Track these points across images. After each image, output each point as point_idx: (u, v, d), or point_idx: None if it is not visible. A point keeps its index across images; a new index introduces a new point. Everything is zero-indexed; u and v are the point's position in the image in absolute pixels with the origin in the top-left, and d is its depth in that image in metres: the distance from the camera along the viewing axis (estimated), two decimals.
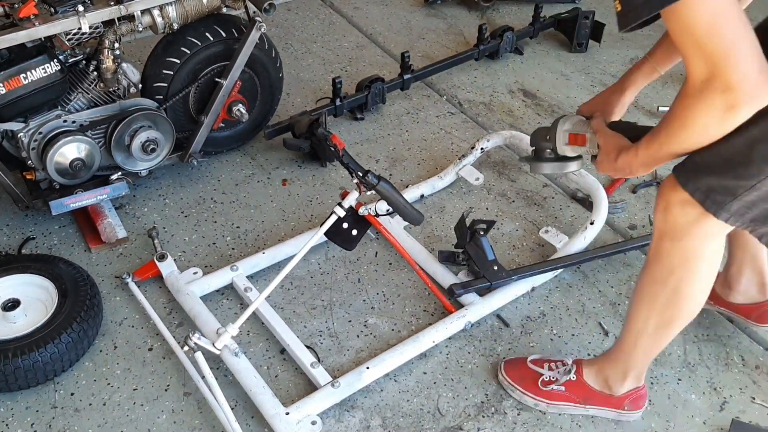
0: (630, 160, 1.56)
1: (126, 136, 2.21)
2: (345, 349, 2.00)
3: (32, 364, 1.77)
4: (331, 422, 1.81)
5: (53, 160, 2.08)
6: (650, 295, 1.61)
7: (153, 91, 2.29)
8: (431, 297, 2.15)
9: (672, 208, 1.47)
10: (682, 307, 1.60)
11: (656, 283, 1.59)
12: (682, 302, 1.59)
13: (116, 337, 1.98)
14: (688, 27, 1.22)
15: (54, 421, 1.77)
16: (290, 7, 3.59)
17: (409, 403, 1.88)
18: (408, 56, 2.91)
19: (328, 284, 2.19)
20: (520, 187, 2.60)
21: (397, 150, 2.74)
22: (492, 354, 2.02)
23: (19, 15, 1.90)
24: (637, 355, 1.74)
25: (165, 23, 2.16)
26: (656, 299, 1.60)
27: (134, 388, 1.86)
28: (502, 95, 3.09)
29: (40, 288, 1.95)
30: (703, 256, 1.51)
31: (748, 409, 1.93)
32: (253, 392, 1.79)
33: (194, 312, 1.98)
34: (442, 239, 2.36)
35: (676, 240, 1.49)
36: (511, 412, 1.87)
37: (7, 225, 2.28)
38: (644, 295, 1.63)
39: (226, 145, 2.60)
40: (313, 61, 3.20)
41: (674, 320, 1.63)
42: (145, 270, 2.11)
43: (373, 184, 1.77)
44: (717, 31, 1.20)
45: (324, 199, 2.49)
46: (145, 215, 2.36)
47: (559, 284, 2.23)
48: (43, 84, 2.00)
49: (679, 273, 1.53)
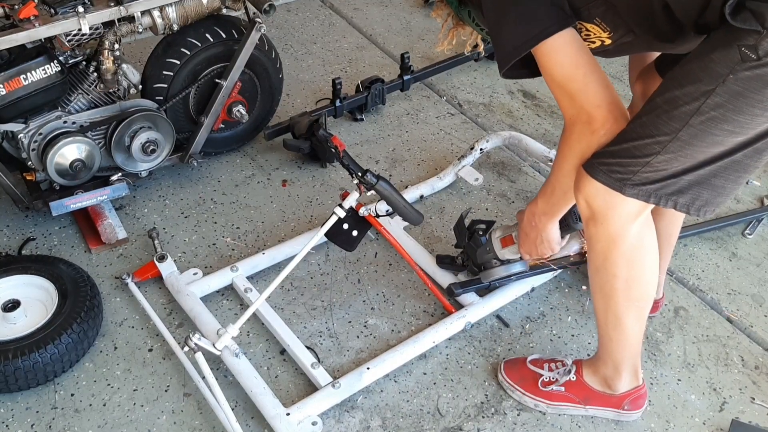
0: (532, 212, 1.80)
1: (126, 137, 2.21)
2: (345, 350, 2.00)
3: (32, 364, 1.77)
4: (331, 423, 1.81)
5: (53, 161, 2.09)
6: (598, 284, 1.67)
7: (153, 92, 2.29)
8: (431, 297, 2.15)
9: (583, 192, 1.53)
10: (628, 292, 1.64)
11: (598, 271, 1.65)
12: (626, 286, 1.62)
13: (116, 337, 1.98)
14: (551, 77, 1.48)
15: (54, 422, 1.77)
16: (290, 8, 3.59)
17: (409, 404, 1.88)
18: (408, 57, 2.91)
19: (328, 285, 2.19)
20: (519, 188, 2.60)
21: (396, 151, 2.74)
22: (492, 354, 2.02)
23: (19, 16, 1.90)
24: (617, 348, 1.75)
25: (165, 24, 2.16)
26: (603, 287, 1.66)
27: (134, 388, 1.86)
28: (501, 96, 3.09)
29: (40, 289, 1.95)
30: (626, 237, 1.55)
31: (748, 409, 1.93)
32: (254, 393, 1.79)
33: (194, 313, 1.98)
34: (442, 240, 2.36)
35: (599, 224, 1.56)
36: (511, 413, 1.87)
37: (8, 226, 2.28)
38: (594, 286, 1.69)
39: (226, 146, 2.60)
40: (313, 62, 3.21)
41: (627, 306, 1.66)
42: (144, 271, 2.11)
43: (372, 184, 1.77)
44: (571, 74, 1.46)
45: (324, 200, 2.49)
46: (146, 216, 2.36)
47: (559, 285, 2.24)
48: (43, 85, 2.00)
49: (611, 257, 1.59)
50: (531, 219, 1.83)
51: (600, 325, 1.75)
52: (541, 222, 1.80)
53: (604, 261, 1.61)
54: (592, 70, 1.47)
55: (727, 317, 2.16)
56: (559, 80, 1.48)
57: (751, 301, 2.24)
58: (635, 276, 1.62)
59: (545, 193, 1.75)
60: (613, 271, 1.61)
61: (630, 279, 1.62)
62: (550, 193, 1.72)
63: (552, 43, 1.44)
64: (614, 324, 1.70)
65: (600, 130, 1.48)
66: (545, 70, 1.49)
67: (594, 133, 1.49)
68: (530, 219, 1.83)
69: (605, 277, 1.64)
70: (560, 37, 1.44)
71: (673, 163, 1.41)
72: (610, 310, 1.69)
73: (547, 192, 1.74)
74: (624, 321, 1.69)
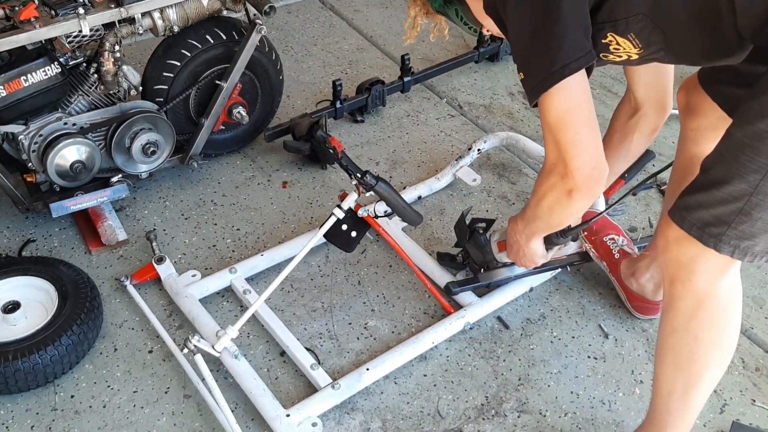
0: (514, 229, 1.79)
1: (126, 139, 2.21)
2: (345, 352, 2.00)
3: (32, 366, 1.77)
4: (332, 425, 1.81)
5: (54, 163, 2.09)
6: (673, 348, 1.51)
7: (153, 94, 2.29)
8: (431, 299, 2.15)
9: (671, 247, 1.42)
10: (709, 357, 1.48)
11: (676, 332, 1.49)
12: (707, 351, 1.47)
13: (116, 339, 1.98)
14: (544, 117, 1.44)
15: (54, 424, 1.77)
16: (290, 9, 3.59)
17: (409, 406, 1.88)
18: (408, 59, 2.91)
19: (328, 286, 2.19)
20: (520, 189, 2.60)
21: (397, 152, 2.74)
22: (492, 356, 2.01)
23: (20, 17, 1.90)
24: (673, 422, 1.58)
25: (165, 26, 2.16)
26: (680, 352, 1.50)
27: (134, 390, 1.86)
28: (502, 98, 3.09)
29: (41, 290, 1.95)
30: (717, 296, 1.42)
31: (749, 411, 1.93)
32: (254, 394, 1.79)
33: (193, 314, 1.98)
34: (442, 241, 2.36)
35: (685, 281, 1.42)
36: (512, 415, 1.87)
37: (8, 227, 2.28)
38: (667, 349, 1.52)
39: (227, 148, 2.60)
40: (313, 64, 3.21)
41: (703, 373, 1.50)
42: (143, 273, 2.11)
43: (371, 185, 1.77)
44: (565, 124, 1.41)
45: (324, 202, 2.49)
46: (146, 217, 2.36)
47: (560, 286, 2.23)
48: (43, 86, 2.00)
49: (698, 318, 1.44)
50: (513, 234, 1.81)
51: (660, 395, 1.57)
52: (523, 239, 1.78)
53: (688, 322, 1.45)
54: (587, 125, 1.42)
55: None
56: (551, 124, 1.43)
57: (751, 302, 2.24)
58: (718, 340, 1.47)
59: (525, 217, 1.71)
60: (696, 333, 1.45)
61: (715, 343, 1.46)
62: (530, 220, 1.69)
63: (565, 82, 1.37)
64: (682, 394, 1.53)
65: (575, 193, 1.45)
66: (541, 106, 1.43)
67: (568, 193, 1.46)
68: (513, 233, 1.82)
69: (685, 339, 1.47)
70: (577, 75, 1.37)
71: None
72: (681, 378, 1.51)
73: (527, 217, 1.70)
74: (694, 392, 1.52)
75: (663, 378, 1.56)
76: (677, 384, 1.53)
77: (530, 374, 1.97)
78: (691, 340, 1.47)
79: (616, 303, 2.19)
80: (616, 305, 2.18)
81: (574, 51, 1.36)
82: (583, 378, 1.98)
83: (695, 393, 1.52)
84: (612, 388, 1.96)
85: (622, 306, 2.17)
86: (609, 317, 2.15)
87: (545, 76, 1.38)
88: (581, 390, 1.95)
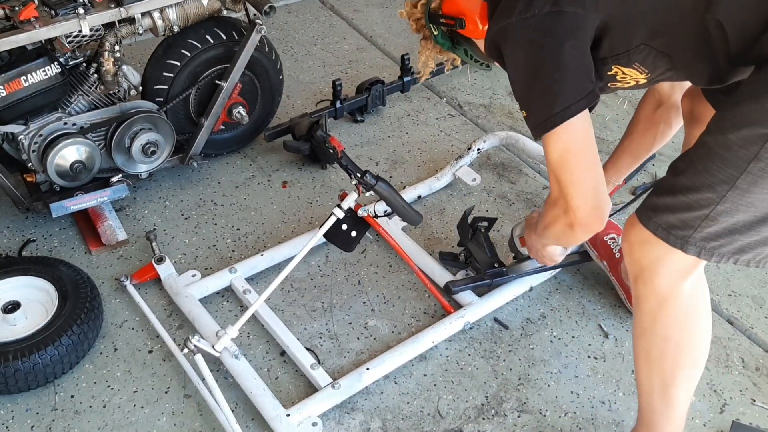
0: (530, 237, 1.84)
1: (126, 139, 2.21)
2: (345, 352, 2.00)
3: (32, 366, 1.77)
4: (332, 425, 1.81)
5: (54, 163, 2.09)
6: (645, 349, 1.53)
7: (153, 94, 2.29)
8: (431, 299, 2.15)
9: (635, 247, 1.44)
10: (679, 357, 1.50)
11: (645, 333, 1.51)
12: (677, 351, 1.49)
13: (116, 339, 1.98)
14: (546, 155, 1.47)
15: (54, 424, 1.77)
16: (290, 9, 3.59)
17: (410, 406, 1.88)
18: (408, 58, 2.91)
19: (329, 286, 2.19)
20: (520, 189, 2.60)
21: (397, 152, 2.74)
22: (492, 356, 2.01)
23: (20, 17, 1.90)
24: (661, 420, 1.59)
25: (165, 26, 2.16)
26: (651, 351, 1.52)
27: (134, 390, 1.86)
28: (502, 97, 3.09)
29: (41, 290, 1.95)
30: (679, 296, 1.43)
31: (749, 411, 1.93)
32: (254, 394, 1.79)
33: (193, 314, 1.98)
34: (442, 241, 2.36)
35: (647, 282, 1.44)
36: (512, 415, 1.87)
37: (8, 227, 2.28)
38: (639, 350, 1.55)
39: (227, 148, 2.60)
40: (313, 64, 3.21)
41: (678, 372, 1.51)
42: (143, 273, 2.11)
43: (371, 185, 1.77)
44: (565, 165, 1.44)
45: (324, 202, 2.49)
46: (146, 217, 2.36)
47: (560, 286, 2.23)
48: (43, 86, 2.00)
49: (661, 318, 1.46)
50: (529, 240, 1.87)
51: (643, 394, 1.59)
52: (539, 245, 1.85)
53: (653, 322, 1.47)
54: (588, 165, 1.45)
55: (727, 318, 2.16)
56: (553, 163, 1.46)
57: (751, 302, 2.24)
58: (687, 340, 1.48)
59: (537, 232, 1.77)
60: (663, 333, 1.47)
61: (681, 343, 1.48)
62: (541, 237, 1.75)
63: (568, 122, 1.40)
64: (661, 393, 1.54)
65: (576, 228, 1.50)
66: (545, 143, 1.46)
67: (570, 227, 1.51)
68: (529, 239, 1.87)
69: (653, 340, 1.49)
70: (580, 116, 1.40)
71: (735, 215, 1.30)
72: (657, 377, 1.53)
73: (538, 233, 1.75)
74: (672, 390, 1.53)
75: (641, 377, 1.58)
76: (654, 383, 1.55)
77: (530, 374, 1.97)
78: (659, 340, 1.49)
79: (616, 303, 2.19)
80: (616, 305, 2.18)
81: (575, 94, 1.39)
82: (583, 378, 1.98)
83: (674, 391, 1.53)
84: (612, 387, 1.96)
85: (622, 306, 2.17)
86: (609, 317, 2.15)
87: (546, 117, 1.41)
88: (581, 390, 1.95)
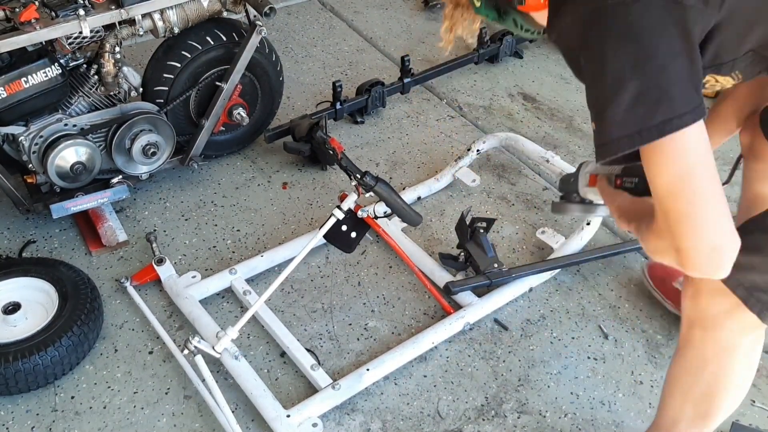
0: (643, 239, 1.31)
1: (127, 140, 2.21)
2: (345, 352, 2.00)
3: (33, 367, 1.77)
4: (332, 425, 1.81)
5: (54, 164, 2.09)
6: (685, 385, 1.48)
7: (154, 95, 2.29)
8: (431, 299, 2.15)
9: (702, 295, 1.34)
10: (719, 402, 1.46)
11: (689, 373, 1.46)
12: (718, 397, 1.45)
13: (117, 340, 1.98)
14: (652, 178, 1.12)
15: (54, 425, 1.77)
16: (290, 11, 3.60)
17: (409, 406, 1.88)
18: (408, 60, 2.92)
19: (329, 287, 2.19)
20: (519, 190, 2.60)
21: (397, 153, 2.74)
22: (492, 357, 2.02)
23: (20, 19, 1.91)
24: None
25: (166, 27, 2.16)
26: (690, 390, 1.47)
27: (134, 391, 1.86)
28: (501, 99, 3.10)
29: (41, 291, 1.95)
30: (739, 348, 1.37)
31: (748, 411, 1.93)
32: (254, 395, 1.79)
33: (193, 315, 1.98)
34: (442, 242, 2.36)
35: (708, 330, 1.37)
36: (511, 416, 1.87)
37: (8, 228, 2.29)
38: (678, 384, 1.50)
39: (227, 149, 2.60)
40: (314, 65, 3.21)
41: (711, 414, 1.48)
42: (143, 274, 2.11)
43: (371, 186, 1.77)
44: (677, 194, 1.09)
45: (324, 203, 2.49)
46: (146, 218, 2.36)
47: (559, 287, 2.24)
48: (44, 88, 2.01)
49: (713, 366, 1.40)
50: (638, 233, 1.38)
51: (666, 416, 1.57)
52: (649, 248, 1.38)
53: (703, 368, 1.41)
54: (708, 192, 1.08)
55: None
56: (660, 190, 1.11)
57: None
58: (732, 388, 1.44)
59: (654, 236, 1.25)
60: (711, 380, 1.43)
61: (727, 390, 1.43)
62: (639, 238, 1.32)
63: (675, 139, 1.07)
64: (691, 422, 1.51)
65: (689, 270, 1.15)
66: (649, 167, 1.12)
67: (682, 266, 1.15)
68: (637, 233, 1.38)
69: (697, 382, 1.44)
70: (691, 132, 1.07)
71: None
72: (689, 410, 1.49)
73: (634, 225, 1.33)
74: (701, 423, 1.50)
75: (670, 406, 1.53)
76: (685, 414, 1.50)
77: (530, 375, 1.98)
78: (704, 384, 1.43)
79: (616, 304, 2.19)
80: (615, 306, 2.18)
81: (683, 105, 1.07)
82: (583, 379, 1.98)
83: (703, 424, 1.49)
84: (612, 388, 1.96)
85: (622, 306, 2.17)
86: (609, 318, 2.15)
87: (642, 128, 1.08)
88: (581, 391, 1.95)
